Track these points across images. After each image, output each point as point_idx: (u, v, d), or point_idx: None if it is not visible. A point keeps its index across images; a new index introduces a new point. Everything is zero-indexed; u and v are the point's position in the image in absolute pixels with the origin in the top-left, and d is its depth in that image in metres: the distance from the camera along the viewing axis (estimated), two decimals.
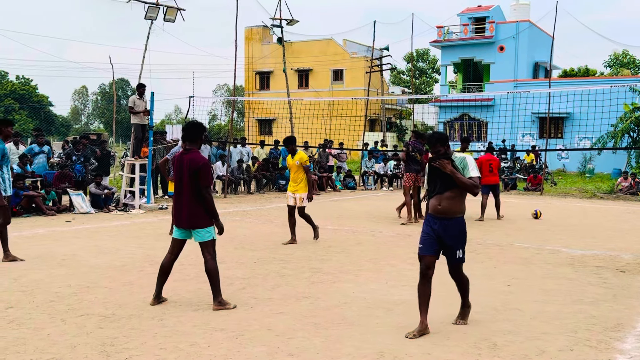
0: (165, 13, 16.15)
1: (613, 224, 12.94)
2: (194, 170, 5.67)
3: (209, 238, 5.80)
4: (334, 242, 9.96)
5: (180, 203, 5.79)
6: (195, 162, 5.69)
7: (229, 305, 5.83)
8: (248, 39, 45.18)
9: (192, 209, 5.72)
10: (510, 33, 36.27)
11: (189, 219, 5.74)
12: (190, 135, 5.84)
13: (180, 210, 5.79)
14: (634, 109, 27.78)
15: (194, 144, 5.85)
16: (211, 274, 5.82)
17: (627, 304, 6.24)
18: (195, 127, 5.88)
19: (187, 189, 5.72)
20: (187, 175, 5.69)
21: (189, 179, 5.69)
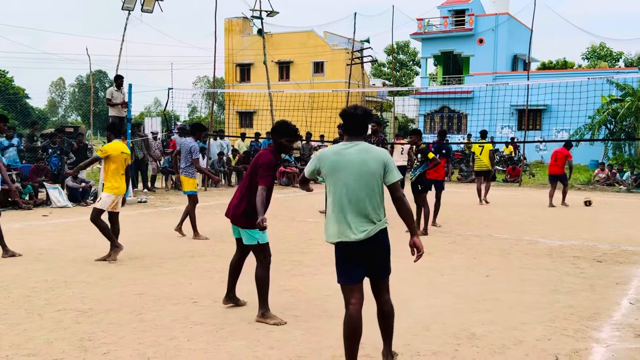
0: (142, 3, 15.92)
1: (590, 215, 13.12)
2: (255, 166, 5.34)
3: (253, 242, 5.36)
4: (315, 234, 9.95)
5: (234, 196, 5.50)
6: (259, 157, 5.34)
7: (269, 319, 5.21)
8: (228, 30, 44.82)
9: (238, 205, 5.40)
10: (490, 26, 36.48)
11: (233, 215, 5.42)
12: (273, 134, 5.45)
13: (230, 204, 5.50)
14: (611, 101, 28.16)
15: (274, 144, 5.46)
16: (257, 281, 5.35)
17: (604, 294, 6.33)
18: (280, 127, 5.45)
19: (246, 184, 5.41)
20: (251, 170, 5.39)
21: (249, 175, 5.39)
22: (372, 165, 3.95)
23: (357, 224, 3.95)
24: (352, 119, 4.07)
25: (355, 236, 3.95)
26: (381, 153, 4.03)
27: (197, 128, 9.45)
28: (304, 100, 27.52)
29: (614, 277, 7.08)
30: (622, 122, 27.82)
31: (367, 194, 3.96)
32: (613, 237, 10.09)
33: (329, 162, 4.05)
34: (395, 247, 8.75)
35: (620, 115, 27.15)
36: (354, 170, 3.96)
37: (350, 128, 4.10)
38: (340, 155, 4.02)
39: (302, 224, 11.09)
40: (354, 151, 4.00)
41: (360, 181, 3.95)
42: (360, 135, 4.10)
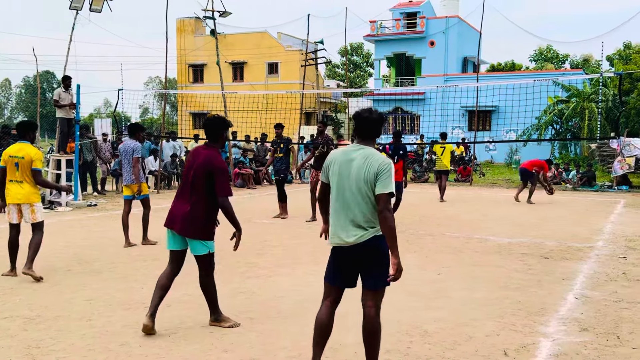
0: (91, 3, 15.55)
1: (538, 213, 13.51)
2: (204, 172, 4.92)
3: (205, 252, 5.04)
4: (271, 236, 9.93)
5: (180, 204, 5.01)
6: (208, 164, 4.91)
7: (225, 322, 5.13)
8: (180, 30, 44.24)
9: (189, 214, 4.93)
10: (440, 28, 37.15)
11: (183, 226, 4.93)
12: (211, 134, 5.10)
13: (177, 212, 5.00)
14: (557, 102, 29.06)
15: (216, 143, 5.12)
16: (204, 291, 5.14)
17: (551, 289, 6.53)
18: (216, 123, 5.10)
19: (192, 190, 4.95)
20: (198, 174, 4.93)
21: (198, 179, 4.93)
22: (368, 171, 3.87)
23: (349, 229, 3.90)
24: (365, 122, 4.00)
25: (347, 240, 3.90)
26: (379, 161, 3.88)
27: (135, 128, 9.07)
28: (258, 101, 27.39)
29: (560, 273, 7.31)
30: (568, 123, 28.77)
31: (362, 199, 3.89)
32: (559, 234, 10.41)
33: (336, 163, 4.02)
34: None
35: (566, 115, 28.06)
36: (353, 174, 3.92)
37: (362, 131, 4.03)
38: (346, 157, 3.98)
39: (257, 226, 11.05)
40: (357, 155, 3.95)
41: (356, 186, 3.90)
42: (371, 139, 4.03)
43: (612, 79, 26.70)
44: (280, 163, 12.15)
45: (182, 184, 5.13)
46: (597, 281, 6.89)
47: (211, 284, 5.16)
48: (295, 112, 27.04)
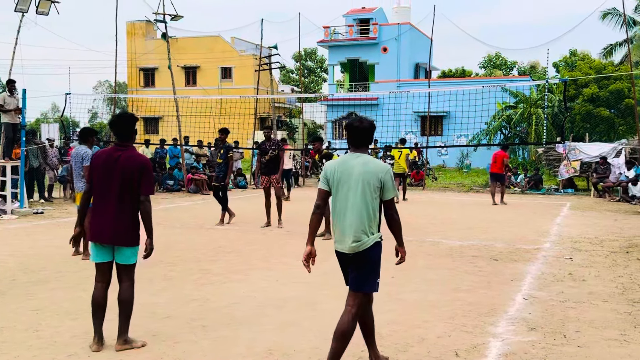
0: (37, 5, 15.11)
1: (487, 216, 13.83)
2: (131, 172, 4.64)
3: (133, 261, 4.78)
4: (224, 242, 9.85)
5: (104, 213, 4.68)
6: (135, 161, 4.67)
7: (136, 343, 4.75)
8: (130, 34, 43.49)
9: (119, 221, 4.66)
10: (393, 35, 37.67)
11: (114, 234, 4.64)
12: (122, 130, 4.78)
13: (103, 222, 4.67)
14: (505, 108, 29.85)
15: (129, 140, 4.82)
16: (128, 305, 4.77)
17: (500, 290, 6.70)
18: (129, 120, 4.82)
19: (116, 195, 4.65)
20: (120, 178, 4.64)
21: (123, 182, 4.64)
22: (369, 178, 4.06)
23: (353, 234, 4.06)
24: (357, 131, 4.18)
25: (348, 246, 4.08)
26: (380, 167, 4.11)
27: (87, 133, 8.54)
28: (212, 105, 27.17)
29: (509, 275, 7.50)
30: (516, 128, 29.58)
31: (365, 205, 4.07)
32: (508, 236, 10.69)
33: (335, 172, 4.17)
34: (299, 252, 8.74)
35: (514, 121, 28.86)
36: (355, 181, 4.08)
37: (355, 140, 4.20)
38: (344, 166, 4.15)
39: (210, 232, 10.93)
40: (356, 163, 4.12)
41: (360, 192, 4.07)
42: (364, 146, 4.21)
43: (557, 85, 27.60)
44: (218, 170, 11.93)
45: (100, 192, 4.68)
46: (545, 282, 7.10)
47: (132, 299, 4.79)
48: (250, 117, 26.91)
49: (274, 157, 11.55)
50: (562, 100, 27.26)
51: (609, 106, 25.70)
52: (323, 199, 4.27)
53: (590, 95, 25.30)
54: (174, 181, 19.56)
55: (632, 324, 5.42)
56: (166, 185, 19.35)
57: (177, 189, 19.41)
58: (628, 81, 24.07)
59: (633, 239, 10.40)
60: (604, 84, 25.39)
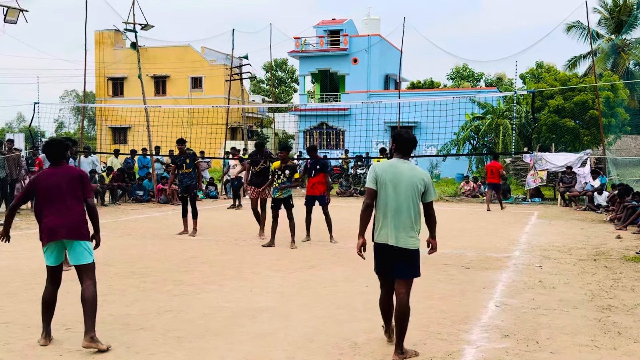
0: (5, 14, 14.85)
1: (458, 225, 13.98)
2: (75, 180, 5.15)
3: (89, 260, 5.11)
4: (197, 252, 9.76)
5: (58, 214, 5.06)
6: (75, 171, 5.29)
7: (102, 344, 4.88)
8: (99, 43, 42.99)
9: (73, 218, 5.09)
10: (363, 46, 38.01)
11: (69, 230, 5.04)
12: (55, 155, 5.25)
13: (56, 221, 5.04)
14: (474, 118, 30.32)
15: (64, 160, 5.32)
16: (92, 303, 5.01)
17: (473, 298, 6.78)
18: (58, 146, 5.27)
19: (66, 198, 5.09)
20: (70, 184, 5.10)
21: (72, 189, 5.10)
22: (416, 181, 4.77)
23: (400, 231, 4.76)
24: (406, 141, 4.88)
25: (397, 243, 4.76)
26: (422, 173, 4.84)
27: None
28: (182, 115, 26.98)
29: (481, 282, 7.61)
30: (484, 138, 30.05)
31: (412, 204, 4.78)
32: (479, 245, 10.83)
33: (384, 173, 4.82)
34: (280, 262, 8.78)
35: (482, 131, 29.31)
36: (403, 184, 4.77)
37: (403, 148, 4.91)
38: (394, 169, 4.82)
39: (182, 243, 10.83)
40: (404, 168, 4.82)
41: (408, 193, 4.77)
42: (408, 155, 4.94)
43: (524, 96, 28.18)
44: (188, 179, 11.71)
45: (49, 200, 5.07)
46: (516, 289, 7.21)
47: (96, 297, 5.07)
48: (221, 126, 26.81)
49: (265, 168, 11.52)
50: (528, 111, 27.83)
51: (574, 117, 26.32)
52: (372, 197, 4.87)
53: (555, 107, 25.87)
54: (143, 191, 19.34)
55: (601, 330, 5.55)
56: (136, 196, 19.11)
57: (147, 200, 19.18)
58: (592, 93, 24.71)
59: (600, 247, 10.64)
60: (569, 95, 26.00)
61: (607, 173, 19.75)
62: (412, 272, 4.88)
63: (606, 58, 35.10)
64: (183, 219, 11.88)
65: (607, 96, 25.75)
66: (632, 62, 35.90)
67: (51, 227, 5.02)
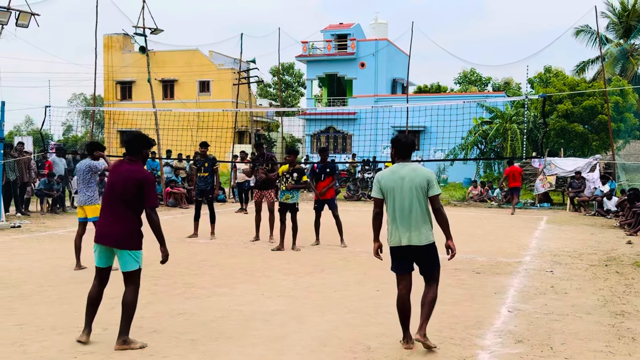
0: (17, 18, 14.95)
1: (466, 229, 13.94)
2: (134, 183, 5.04)
3: (135, 267, 5.12)
4: (207, 255, 9.78)
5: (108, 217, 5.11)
6: (138, 174, 5.09)
7: (135, 344, 5.01)
8: (107, 47, 43.18)
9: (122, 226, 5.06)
10: (370, 50, 38.01)
11: (116, 237, 5.04)
12: (130, 149, 5.23)
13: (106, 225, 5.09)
14: (482, 123, 30.26)
15: (139, 156, 5.26)
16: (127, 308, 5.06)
17: (484, 303, 6.77)
18: (138, 139, 5.27)
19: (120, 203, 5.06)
20: (127, 187, 5.05)
21: (128, 192, 5.05)
22: (419, 182, 4.92)
23: (412, 231, 4.95)
24: (403, 144, 5.04)
25: (410, 242, 4.97)
26: (425, 171, 4.98)
27: (93, 147, 8.65)
28: (190, 119, 27.05)
29: (492, 287, 7.59)
30: (492, 143, 29.97)
31: (418, 203, 4.94)
32: (488, 249, 10.80)
33: (388, 181, 5.00)
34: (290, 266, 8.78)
35: (489, 136, 29.24)
36: (406, 187, 4.92)
37: (402, 152, 5.07)
38: (397, 174, 4.98)
39: (192, 246, 10.85)
40: (406, 171, 4.97)
41: (414, 194, 4.92)
42: (409, 156, 5.07)
43: (532, 101, 28.10)
44: (204, 183, 11.79)
45: (107, 199, 5.14)
46: (528, 294, 7.19)
47: (136, 301, 5.14)
48: (228, 130, 26.87)
49: (270, 170, 11.51)
50: (537, 116, 27.76)
51: (583, 122, 26.22)
52: (380, 206, 5.10)
53: (564, 111, 25.78)
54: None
55: (616, 335, 5.53)
56: None
57: (156, 204, 19.19)
58: (601, 97, 24.61)
59: (610, 252, 10.60)
60: (577, 100, 25.91)
61: (617, 178, 19.67)
62: (434, 266, 5.12)
63: (615, 63, 34.95)
64: (194, 223, 11.93)
65: (616, 101, 25.65)
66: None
67: (101, 231, 5.11)
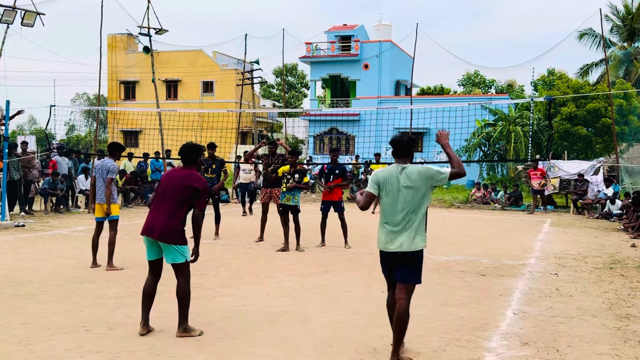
0: (23, 17, 14.99)
1: (470, 231, 13.95)
2: (189, 187, 5.43)
3: (182, 259, 5.45)
4: (212, 256, 9.78)
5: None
6: (195, 181, 5.46)
7: (194, 332, 5.41)
8: (111, 46, 43.24)
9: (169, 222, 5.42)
10: (374, 52, 38.03)
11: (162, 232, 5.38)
12: (185, 159, 5.64)
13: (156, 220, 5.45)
14: (485, 125, 30.25)
15: (192, 165, 5.65)
16: (181, 299, 5.43)
17: (490, 305, 6.76)
18: (191, 149, 5.65)
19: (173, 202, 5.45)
20: (179, 189, 5.44)
21: (179, 194, 5.44)
22: (418, 183, 4.68)
23: (406, 236, 4.68)
24: (400, 144, 4.83)
25: (395, 247, 4.68)
26: (426, 170, 4.76)
27: (113, 148, 8.69)
28: (193, 119, 27.08)
29: (497, 290, 7.58)
30: (495, 145, 29.96)
31: (415, 205, 4.69)
32: (493, 252, 10.80)
33: (385, 180, 4.77)
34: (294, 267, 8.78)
35: (493, 138, 29.23)
36: (402, 189, 4.69)
37: (399, 152, 4.85)
38: (392, 175, 4.76)
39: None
40: (402, 171, 4.74)
41: (408, 199, 4.68)
42: (407, 157, 4.84)
43: (536, 103, 28.08)
44: (210, 184, 11.79)
45: (159, 198, 5.53)
46: (533, 297, 7.18)
47: (189, 292, 5.45)
48: (232, 131, 26.90)
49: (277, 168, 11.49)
50: (541, 119, 27.73)
51: (587, 125, 26.17)
52: (371, 198, 4.85)
53: (568, 114, 25.74)
54: None
55: (621, 338, 5.52)
56: (148, 199, 19.16)
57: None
58: (605, 100, 24.57)
59: (615, 255, 10.58)
60: (581, 102, 25.87)
61: (620, 181, 19.63)
62: (412, 277, 4.74)
63: (619, 66, 34.90)
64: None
65: (619, 104, 25.60)
66: None
67: (149, 225, 5.44)
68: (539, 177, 19.25)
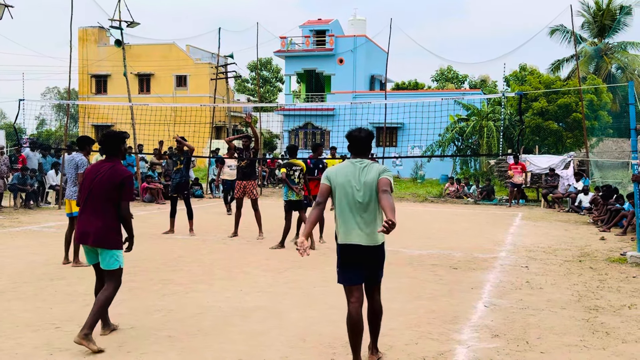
0: None
1: (443, 225, 14.07)
2: (114, 183, 5.12)
3: (115, 266, 5.15)
4: (185, 251, 9.71)
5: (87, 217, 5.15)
6: (119, 174, 5.15)
7: (93, 345, 4.77)
8: (82, 40, 42.56)
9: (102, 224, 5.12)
10: (349, 47, 38.05)
11: (96, 237, 5.09)
12: (107, 149, 5.31)
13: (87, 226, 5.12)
14: (458, 120, 30.51)
15: (115, 157, 5.33)
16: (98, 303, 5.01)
17: (461, 298, 6.83)
18: (113, 138, 5.33)
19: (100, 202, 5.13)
20: (105, 186, 5.12)
21: (106, 192, 5.12)
22: (371, 177, 4.45)
23: (362, 229, 4.48)
24: (357, 140, 4.60)
25: (358, 240, 4.48)
26: (377, 166, 4.54)
27: (86, 142, 8.46)
28: (166, 113, 26.76)
29: (469, 283, 7.66)
30: (468, 140, 30.25)
31: (369, 202, 4.47)
32: (465, 245, 10.90)
33: (336, 176, 4.54)
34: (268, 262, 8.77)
35: (466, 133, 29.50)
36: (359, 184, 4.46)
37: (355, 148, 4.62)
38: (347, 170, 4.53)
39: (169, 242, 10.76)
40: (357, 167, 4.52)
41: (364, 191, 4.45)
42: (364, 153, 4.62)
43: (508, 99, 28.41)
44: (179, 176, 11.68)
45: (86, 199, 5.17)
46: (504, 290, 7.28)
47: (111, 299, 5.13)
48: (206, 125, 26.67)
49: (251, 162, 11.41)
50: (513, 114, 28.07)
51: (558, 120, 26.58)
52: (324, 196, 4.59)
53: (539, 109, 26.11)
54: None
55: (590, 330, 5.63)
56: None
57: (132, 199, 19.01)
58: (576, 96, 24.98)
59: (584, 248, 10.78)
60: (552, 98, 26.26)
61: (590, 175, 19.99)
62: (381, 271, 4.68)
63: (589, 61, 35.51)
64: (170, 219, 11.84)
65: (590, 99, 26.06)
66: (615, 66, 36.35)
67: (82, 230, 5.14)
68: (520, 171, 19.48)
